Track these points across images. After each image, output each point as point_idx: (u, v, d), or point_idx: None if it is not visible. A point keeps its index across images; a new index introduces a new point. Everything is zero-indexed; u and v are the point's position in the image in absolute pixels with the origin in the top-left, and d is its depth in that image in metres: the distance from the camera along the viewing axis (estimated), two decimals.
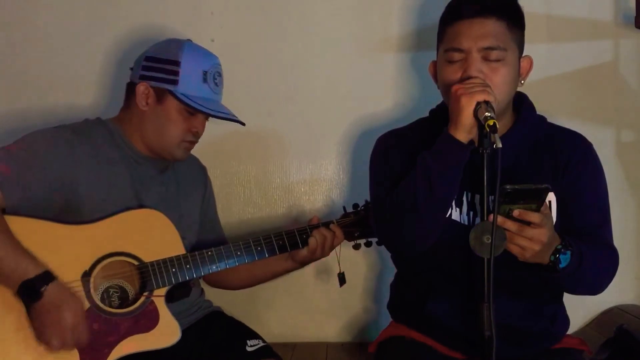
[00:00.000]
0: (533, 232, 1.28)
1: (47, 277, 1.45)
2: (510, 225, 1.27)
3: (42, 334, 1.46)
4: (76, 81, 2.16)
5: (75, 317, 1.47)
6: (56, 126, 1.64)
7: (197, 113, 1.64)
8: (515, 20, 1.45)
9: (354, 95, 2.18)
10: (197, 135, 1.68)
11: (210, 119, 1.70)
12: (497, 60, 1.41)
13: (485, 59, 1.41)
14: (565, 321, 1.61)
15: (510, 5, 1.47)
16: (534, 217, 1.27)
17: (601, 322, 2.18)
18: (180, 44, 1.66)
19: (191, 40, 1.71)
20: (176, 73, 1.62)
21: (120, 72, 1.95)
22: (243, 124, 1.71)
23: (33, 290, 1.43)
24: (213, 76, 1.66)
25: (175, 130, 1.64)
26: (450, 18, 1.46)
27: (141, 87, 1.64)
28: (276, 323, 2.22)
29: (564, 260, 1.35)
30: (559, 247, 1.35)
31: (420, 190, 1.40)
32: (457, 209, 1.50)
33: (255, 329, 1.75)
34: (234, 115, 1.68)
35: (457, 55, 1.43)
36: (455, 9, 1.46)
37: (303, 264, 1.77)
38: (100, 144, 1.64)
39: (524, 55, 1.49)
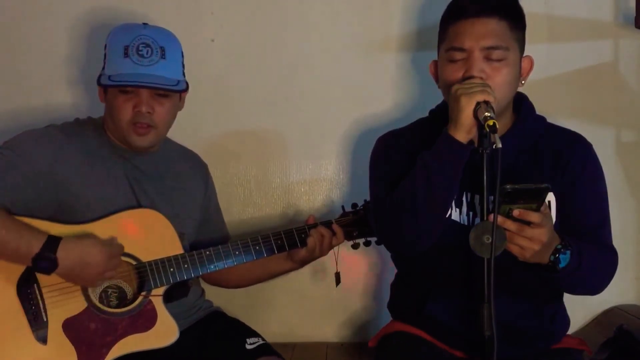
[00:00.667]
0: (533, 232, 1.28)
1: (53, 242, 1.45)
2: (510, 225, 1.27)
3: (84, 285, 1.52)
4: (72, 81, 2.16)
5: (101, 258, 1.49)
6: (46, 126, 1.64)
7: (134, 91, 1.58)
8: (516, 20, 1.45)
9: (354, 95, 2.18)
10: (143, 116, 1.58)
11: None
12: (499, 60, 1.41)
13: (487, 58, 1.41)
14: (565, 321, 1.60)
15: (512, 5, 1.47)
16: (533, 217, 1.27)
17: (601, 322, 2.17)
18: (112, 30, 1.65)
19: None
20: (104, 58, 1.62)
21: None
22: (182, 91, 1.64)
23: (47, 262, 1.44)
24: (136, 48, 1.58)
25: (119, 114, 1.60)
26: (452, 17, 1.46)
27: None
28: (276, 323, 2.21)
29: (564, 260, 1.35)
30: (559, 247, 1.35)
31: (420, 190, 1.40)
32: (457, 209, 1.50)
33: (255, 328, 1.74)
34: (164, 83, 1.58)
35: (458, 55, 1.43)
36: (457, 8, 1.46)
37: (302, 263, 1.76)
38: (92, 142, 1.64)
39: (524, 55, 1.49)
